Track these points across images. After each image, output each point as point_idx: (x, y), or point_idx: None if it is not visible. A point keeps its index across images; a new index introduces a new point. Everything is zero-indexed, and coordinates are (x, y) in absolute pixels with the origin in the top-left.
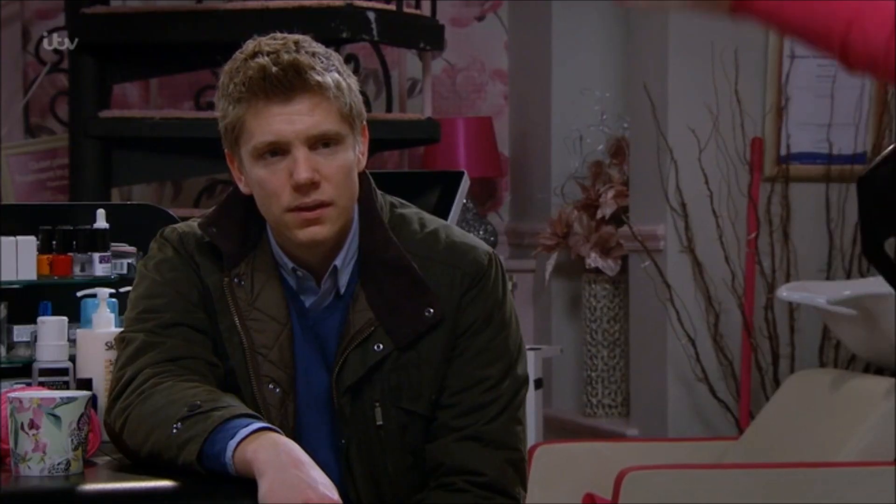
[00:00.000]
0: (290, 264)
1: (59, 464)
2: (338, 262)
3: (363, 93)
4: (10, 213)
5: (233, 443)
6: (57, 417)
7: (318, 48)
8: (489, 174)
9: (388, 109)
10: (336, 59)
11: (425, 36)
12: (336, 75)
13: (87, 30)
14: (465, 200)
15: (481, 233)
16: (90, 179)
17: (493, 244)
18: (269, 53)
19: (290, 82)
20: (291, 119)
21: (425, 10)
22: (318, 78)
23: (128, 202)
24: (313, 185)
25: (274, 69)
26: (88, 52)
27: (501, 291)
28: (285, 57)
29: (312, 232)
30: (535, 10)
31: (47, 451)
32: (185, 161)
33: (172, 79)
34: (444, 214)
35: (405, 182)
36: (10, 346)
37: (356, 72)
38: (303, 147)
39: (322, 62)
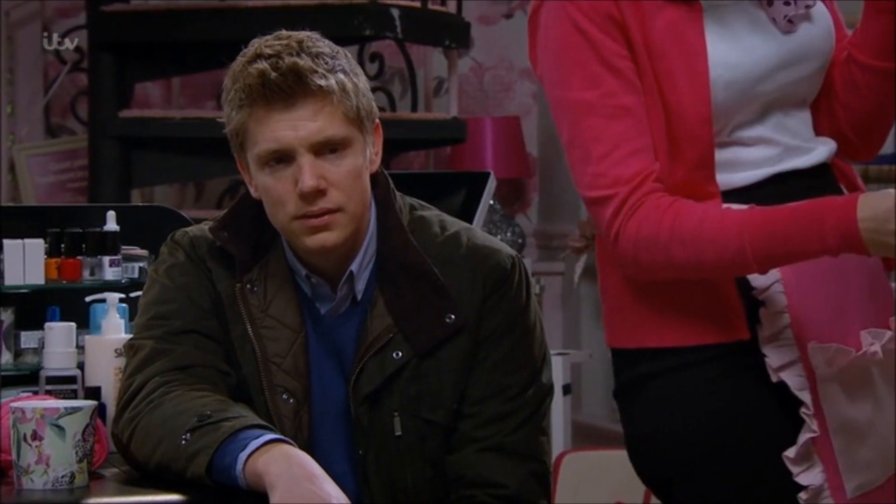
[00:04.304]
0: (304, 271)
1: (63, 476)
2: (353, 267)
3: (387, 92)
4: (18, 214)
5: (243, 455)
6: (61, 428)
7: (325, 47)
8: (517, 175)
9: (414, 109)
10: (344, 58)
11: (451, 34)
12: (341, 76)
13: (107, 28)
14: (492, 201)
15: (509, 235)
16: (110, 181)
17: (521, 246)
18: (269, 57)
19: (290, 88)
20: (294, 125)
21: (451, 7)
22: (320, 82)
23: (139, 204)
24: (320, 193)
25: (273, 75)
26: (108, 50)
27: (525, 296)
28: (286, 60)
29: (321, 239)
30: None
31: (51, 463)
32: (208, 161)
33: (194, 78)
34: (470, 216)
35: (430, 183)
36: (18, 353)
37: (381, 71)
38: (307, 154)
39: (326, 63)
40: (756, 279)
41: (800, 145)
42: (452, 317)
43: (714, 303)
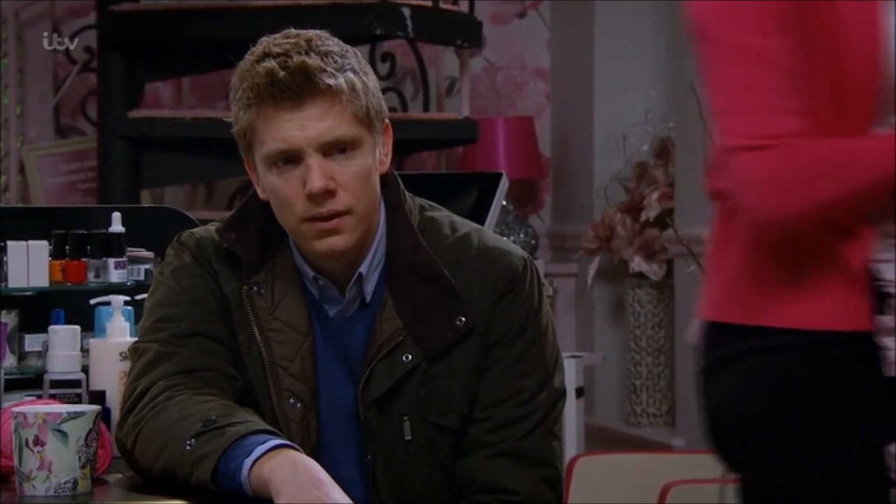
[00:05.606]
0: (311, 273)
1: (65, 483)
2: (363, 269)
3: (399, 92)
4: (22, 215)
5: (249, 461)
6: (63, 433)
7: (334, 46)
8: (530, 175)
9: (426, 109)
10: (353, 57)
11: (463, 33)
12: (350, 75)
13: (117, 28)
14: (504, 202)
15: (521, 235)
16: (120, 181)
17: (534, 247)
18: (277, 55)
19: (299, 87)
20: (303, 125)
21: (463, 6)
22: (330, 81)
23: (145, 205)
24: (328, 194)
25: (282, 74)
26: (118, 50)
27: (537, 299)
28: (294, 59)
29: (330, 243)
30: (577, 6)
31: (53, 469)
32: (218, 162)
33: (205, 77)
34: (482, 217)
35: (442, 183)
36: (22, 356)
37: (392, 70)
38: (316, 154)
39: (335, 62)
40: (887, 270)
41: None
42: (463, 319)
43: (843, 288)
